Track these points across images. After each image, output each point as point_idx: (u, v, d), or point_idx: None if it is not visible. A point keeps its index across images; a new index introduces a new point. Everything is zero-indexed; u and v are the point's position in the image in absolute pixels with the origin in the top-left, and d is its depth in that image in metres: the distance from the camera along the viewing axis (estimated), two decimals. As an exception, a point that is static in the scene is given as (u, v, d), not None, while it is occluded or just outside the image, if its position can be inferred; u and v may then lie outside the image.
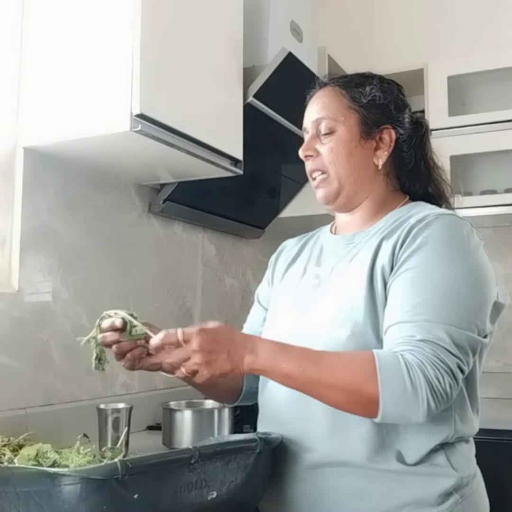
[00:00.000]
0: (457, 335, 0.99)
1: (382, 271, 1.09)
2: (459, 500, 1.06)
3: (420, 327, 1.00)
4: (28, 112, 1.67)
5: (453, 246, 1.07)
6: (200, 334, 0.98)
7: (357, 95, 1.20)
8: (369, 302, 1.08)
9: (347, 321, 1.09)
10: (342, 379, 0.99)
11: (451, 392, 0.98)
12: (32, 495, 0.87)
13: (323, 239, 1.30)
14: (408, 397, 0.96)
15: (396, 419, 0.99)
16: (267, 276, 1.39)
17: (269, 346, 1.03)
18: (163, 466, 0.94)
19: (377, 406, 0.96)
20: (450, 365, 0.98)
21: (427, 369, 0.96)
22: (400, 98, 1.24)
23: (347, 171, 1.19)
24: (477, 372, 1.12)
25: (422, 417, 0.97)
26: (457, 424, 1.09)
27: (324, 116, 1.20)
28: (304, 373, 1.00)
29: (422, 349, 0.98)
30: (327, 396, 1.01)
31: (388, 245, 1.11)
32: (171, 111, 1.65)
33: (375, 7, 3.02)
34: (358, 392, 0.98)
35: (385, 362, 0.98)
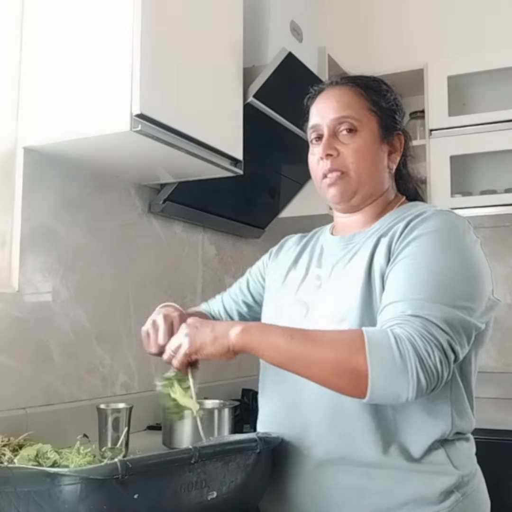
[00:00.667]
0: (449, 314, 0.99)
1: (380, 267, 1.10)
2: (460, 499, 1.07)
3: (411, 304, 1.00)
4: (28, 112, 1.67)
5: (449, 238, 1.08)
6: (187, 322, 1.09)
7: (376, 98, 1.22)
8: (366, 301, 1.09)
9: (345, 319, 1.09)
10: (330, 351, 0.98)
11: (441, 369, 0.95)
12: (32, 495, 0.87)
13: (323, 240, 1.31)
14: (397, 369, 0.94)
15: (384, 394, 0.96)
16: (263, 260, 1.41)
17: (256, 323, 1.09)
18: (163, 466, 0.94)
19: (365, 380, 0.94)
20: (441, 340, 0.96)
21: (416, 341, 0.95)
22: (401, 105, 1.27)
23: (367, 173, 1.20)
24: (472, 366, 1.12)
25: (412, 392, 0.94)
26: (454, 419, 1.09)
27: (348, 115, 1.19)
28: (292, 345, 0.99)
29: (412, 322, 0.97)
30: (315, 371, 0.99)
31: (385, 240, 1.13)
32: (171, 111, 1.65)
33: (375, 7, 3.02)
34: (346, 365, 0.96)
35: (374, 336, 0.97)
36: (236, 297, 1.45)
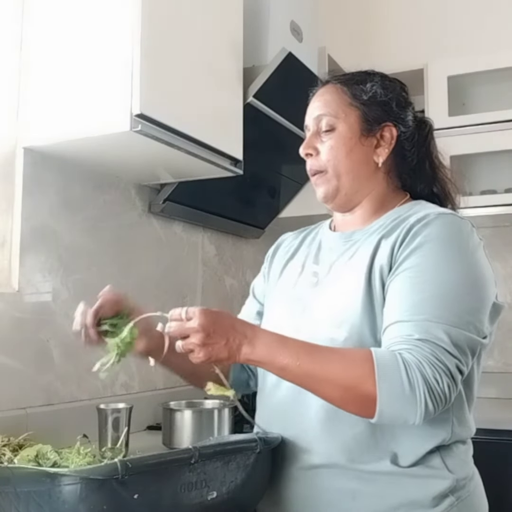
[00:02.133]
0: (456, 335, 0.98)
1: (381, 271, 1.08)
2: (455, 503, 1.05)
3: (418, 326, 0.99)
4: (28, 112, 1.67)
5: (452, 246, 1.06)
6: (203, 314, 0.98)
7: (358, 92, 1.19)
8: (367, 303, 1.07)
9: (344, 322, 1.08)
10: (339, 375, 0.97)
11: (449, 394, 0.96)
12: (32, 495, 0.87)
13: (321, 236, 1.29)
14: (406, 397, 0.94)
15: (392, 419, 0.97)
16: (263, 270, 1.39)
17: (268, 338, 1.02)
18: (163, 466, 0.94)
19: (374, 405, 0.95)
20: (449, 366, 0.96)
21: (425, 369, 0.95)
22: (402, 96, 1.23)
23: (346, 169, 1.18)
24: (475, 374, 1.11)
25: (419, 418, 0.95)
26: (454, 427, 1.08)
27: (325, 112, 1.19)
28: (301, 367, 0.98)
29: (421, 348, 0.96)
30: (323, 391, 1.00)
31: (387, 244, 1.10)
32: (171, 111, 1.65)
33: (375, 7, 3.02)
34: (354, 389, 0.96)
35: (383, 360, 0.96)
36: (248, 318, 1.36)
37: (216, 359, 0.99)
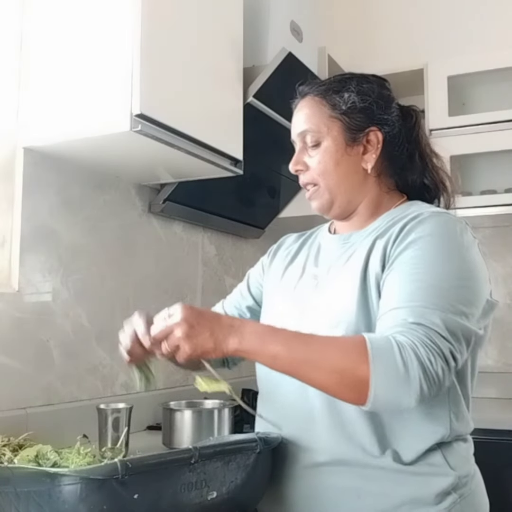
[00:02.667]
0: (451, 322, 0.98)
1: (374, 270, 1.09)
2: (458, 500, 1.06)
3: (414, 312, 0.99)
4: (28, 112, 1.67)
5: (446, 242, 1.07)
6: (185, 308, 0.98)
7: (336, 102, 1.19)
8: (362, 303, 1.08)
9: (341, 322, 1.08)
10: (332, 359, 0.96)
11: (443, 376, 0.96)
12: (32, 495, 0.87)
13: (321, 239, 1.30)
14: (400, 378, 0.93)
15: (386, 403, 0.96)
16: (262, 263, 1.39)
17: (256, 327, 1.02)
18: (163, 466, 0.94)
19: (367, 388, 0.93)
20: (443, 349, 0.96)
21: (419, 349, 0.94)
22: (382, 95, 1.21)
23: (336, 182, 1.18)
24: (469, 369, 1.12)
25: (414, 399, 0.94)
26: (452, 423, 1.08)
27: (308, 128, 1.19)
28: (293, 354, 0.97)
29: (415, 330, 0.96)
30: (317, 378, 0.98)
31: (381, 243, 1.11)
32: (171, 111, 1.65)
33: (375, 7, 3.02)
34: (348, 373, 0.95)
35: (376, 343, 0.95)
36: (237, 303, 1.41)
37: (202, 351, 0.97)
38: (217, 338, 0.97)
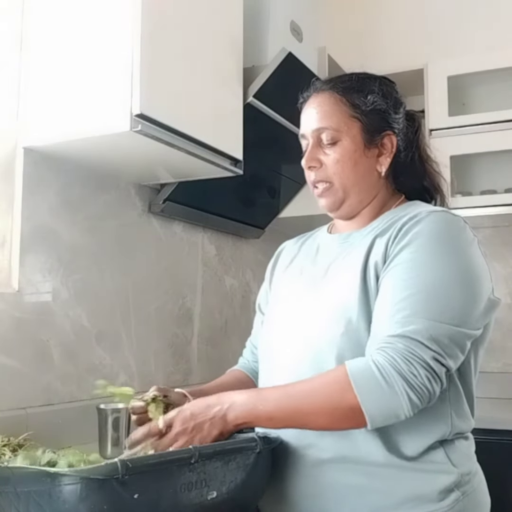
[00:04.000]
0: (436, 329, 0.99)
1: (375, 267, 1.10)
2: (460, 498, 1.07)
3: (399, 322, 1.01)
4: (28, 112, 1.67)
5: (442, 242, 1.07)
6: (179, 415, 1.05)
7: (358, 102, 1.18)
8: (363, 299, 1.09)
9: (341, 318, 1.09)
10: (320, 401, 1.01)
11: (431, 386, 0.98)
12: (32, 495, 0.87)
13: (320, 239, 1.31)
14: (387, 395, 0.97)
15: (385, 419, 0.99)
16: (265, 284, 1.40)
17: (244, 399, 1.06)
18: (163, 466, 0.94)
19: (362, 415, 0.98)
20: (426, 358, 0.97)
21: (400, 364, 0.97)
22: (397, 99, 1.23)
23: (352, 181, 1.19)
24: (471, 367, 1.12)
25: (408, 411, 0.98)
26: (453, 420, 1.09)
27: (327, 126, 1.18)
28: (284, 410, 1.03)
29: (394, 344, 0.99)
30: (313, 423, 1.04)
31: (381, 242, 1.12)
32: (171, 111, 1.65)
33: (375, 7, 3.02)
34: (339, 408, 0.99)
35: (356, 370, 0.99)
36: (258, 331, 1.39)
37: (212, 439, 1.04)
38: (217, 424, 1.05)
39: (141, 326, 2.06)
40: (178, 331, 2.24)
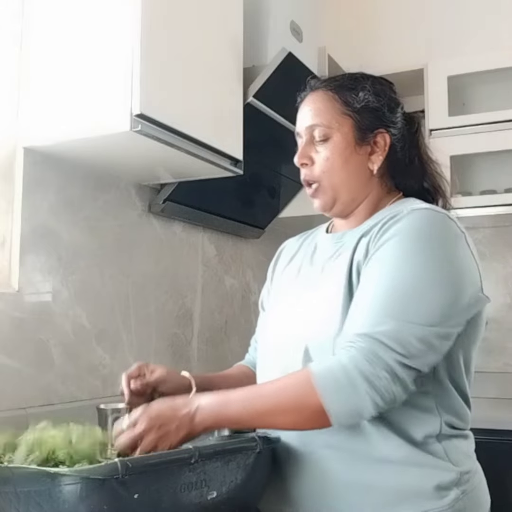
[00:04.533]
0: (405, 330, 0.99)
1: (358, 267, 1.10)
2: (460, 496, 1.07)
3: (367, 322, 1.01)
4: (28, 112, 1.67)
5: (421, 239, 1.06)
6: (145, 413, 1.03)
7: (350, 100, 1.19)
8: (348, 300, 1.09)
9: (329, 319, 1.09)
10: (285, 403, 1.02)
11: (394, 388, 0.98)
12: (32, 495, 0.87)
13: (318, 238, 1.31)
14: (350, 397, 0.97)
15: (349, 418, 1.01)
16: (267, 282, 1.40)
17: (210, 402, 1.05)
18: (163, 466, 0.94)
19: (325, 415, 0.98)
20: (387, 360, 0.98)
21: (364, 365, 0.97)
22: (392, 98, 1.23)
23: (342, 179, 1.18)
24: (460, 365, 1.11)
25: (373, 409, 0.98)
26: (441, 413, 1.09)
27: (318, 123, 1.19)
28: (250, 412, 1.03)
29: (359, 344, 0.99)
30: (280, 423, 1.05)
31: (365, 241, 1.12)
32: (171, 111, 1.65)
33: (375, 7, 3.02)
34: (304, 409, 1.01)
35: (320, 371, 1.00)
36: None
37: (178, 441, 1.02)
38: (184, 426, 1.03)
39: (141, 326, 2.06)
40: (178, 331, 2.24)
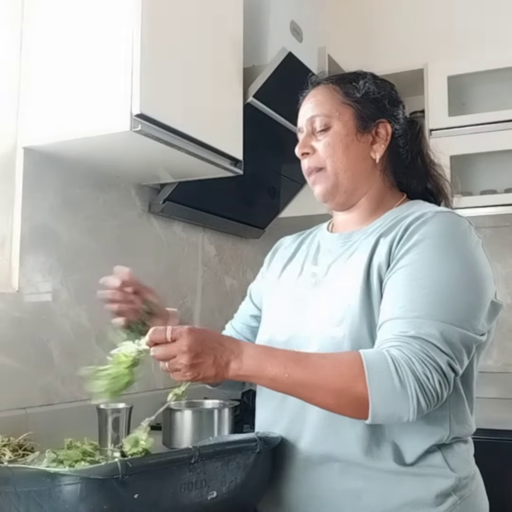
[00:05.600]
0: (450, 333, 0.98)
1: (379, 269, 1.09)
2: (458, 502, 1.06)
3: (411, 324, 0.99)
4: (28, 112, 1.67)
5: (449, 243, 1.06)
6: (190, 334, 0.97)
7: (351, 90, 1.20)
8: (365, 301, 1.08)
9: (343, 320, 1.08)
10: (329, 380, 0.98)
11: (441, 391, 0.96)
12: (32, 495, 0.87)
13: (320, 237, 1.29)
14: (397, 394, 0.95)
15: (386, 418, 0.97)
16: (260, 273, 1.40)
17: (254, 351, 1.02)
18: (163, 466, 0.94)
19: (366, 406, 0.95)
20: (440, 363, 0.96)
21: (415, 365, 0.95)
22: (393, 94, 1.24)
23: (344, 165, 1.18)
24: (474, 371, 1.11)
25: (413, 414, 0.95)
26: (452, 425, 1.08)
27: (318, 113, 1.20)
28: (290, 376, 0.98)
29: (411, 345, 0.97)
30: (316, 398, 1.00)
31: (385, 242, 1.11)
32: (171, 111, 1.65)
33: (375, 7, 3.02)
34: (346, 393, 0.96)
35: (372, 360, 0.96)
36: (243, 318, 1.41)
37: (203, 377, 0.98)
38: (219, 365, 0.98)
39: (141, 326, 2.05)
40: (178, 331, 2.24)
